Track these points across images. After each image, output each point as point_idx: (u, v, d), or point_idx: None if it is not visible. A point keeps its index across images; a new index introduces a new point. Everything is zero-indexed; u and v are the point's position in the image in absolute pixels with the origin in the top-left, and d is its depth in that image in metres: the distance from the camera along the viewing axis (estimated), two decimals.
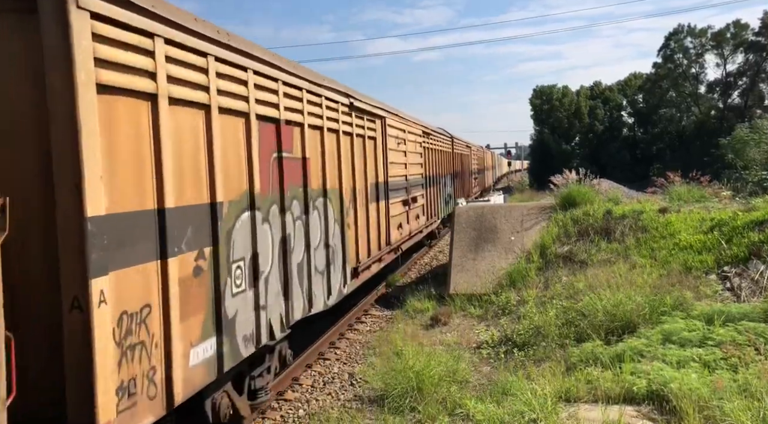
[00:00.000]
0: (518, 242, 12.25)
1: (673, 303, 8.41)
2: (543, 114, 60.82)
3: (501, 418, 5.88)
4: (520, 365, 7.68)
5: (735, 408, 5.43)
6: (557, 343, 8.12)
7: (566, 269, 10.96)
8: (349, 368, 8.72)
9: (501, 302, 10.53)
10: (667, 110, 54.77)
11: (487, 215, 12.88)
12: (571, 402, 6.33)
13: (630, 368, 6.72)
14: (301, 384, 8.14)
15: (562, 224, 12.27)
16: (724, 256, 10.05)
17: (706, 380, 6.13)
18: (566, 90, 61.03)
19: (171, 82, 4.59)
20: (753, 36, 49.90)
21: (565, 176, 15.21)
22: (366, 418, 6.67)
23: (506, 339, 8.83)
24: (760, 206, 11.20)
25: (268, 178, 6.37)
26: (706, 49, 52.48)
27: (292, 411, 7.30)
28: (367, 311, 11.85)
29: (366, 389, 7.62)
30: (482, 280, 11.48)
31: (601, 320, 8.22)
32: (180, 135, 4.74)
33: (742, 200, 13.48)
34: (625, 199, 15.01)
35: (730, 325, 7.49)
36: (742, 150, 28.63)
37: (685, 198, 13.50)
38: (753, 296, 8.97)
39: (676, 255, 10.41)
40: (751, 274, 9.51)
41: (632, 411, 6.02)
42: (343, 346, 9.82)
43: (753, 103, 50.33)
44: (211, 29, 5.26)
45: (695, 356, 6.78)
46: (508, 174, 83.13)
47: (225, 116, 5.46)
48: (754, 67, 49.91)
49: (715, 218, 11.14)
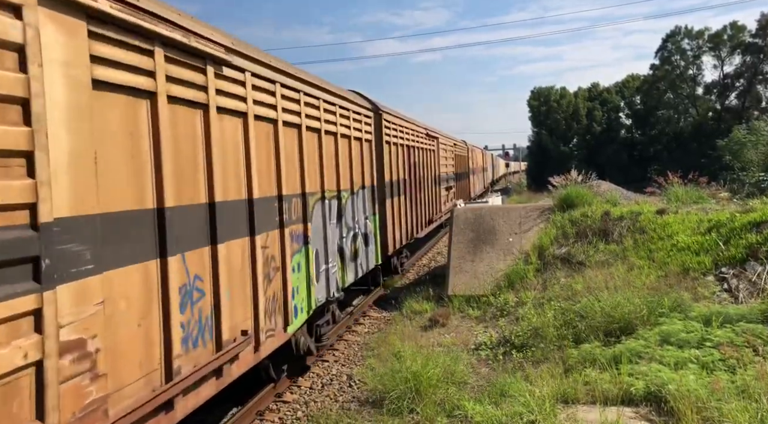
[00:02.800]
0: (516, 243, 12.26)
1: (671, 304, 8.41)
2: (541, 115, 60.93)
3: (499, 419, 5.88)
4: (518, 366, 7.69)
5: (733, 409, 5.45)
6: (555, 344, 8.12)
7: (564, 270, 10.97)
8: (347, 370, 8.72)
9: (499, 303, 10.53)
10: (664, 112, 54.90)
11: (485, 216, 12.89)
12: (569, 403, 6.34)
13: (628, 370, 6.73)
14: (300, 386, 8.14)
15: (560, 226, 12.28)
16: (721, 257, 10.06)
17: (704, 382, 6.14)
18: (564, 91, 61.16)
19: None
20: (750, 38, 50.08)
21: (566, 177, 15.24)
22: (364, 420, 6.67)
23: (504, 340, 8.83)
24: (757, 208, 11.21)
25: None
26: (704, 51, 52.66)
27: (291, 413, 7.30)
28: (366, 313, 11.85)
29: (364, 391, 7.62)
30: (480, 281, 11.49)
31: (599, 321, 8.22)
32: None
33: (739, 202, 13.50)
34: (623, 201, 15.02)
35: (728, 326, 7.50)
36: (739, 151, 28.71)
37: (682, 199, 13.51)
38: (751, 298, 8.98)
39: (674, 256, 10.42)
40: (749, 275, 9.52)
41: (630, 412, 6.03)
42: (341, 347, 9.82)
43: (750, 105, 50.47)
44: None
45: (693, 358, 6.78)
46: (506, 175, 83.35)
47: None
48: (751, 68, 50.05)
49: (713, 219, 11.16)
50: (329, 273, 8.68)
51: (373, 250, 11.79)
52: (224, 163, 5.46)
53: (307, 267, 7.67)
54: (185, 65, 4.84)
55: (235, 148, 5.75)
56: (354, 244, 10.25)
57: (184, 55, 4.79)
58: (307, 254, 7.67)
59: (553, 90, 61.13)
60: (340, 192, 9.37)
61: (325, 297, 8.49)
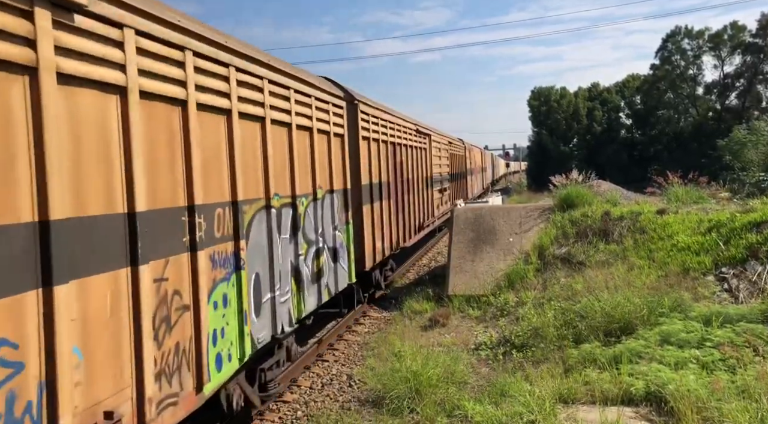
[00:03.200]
0: (516, 243, 12.26)
1: (671, 304, 8.41)
2: (541, 115, 60.93)
3: (499, 419, 5.88)
4: (518, 366, 7.69)
5: (733, 409, 5.45)
6: (555, 344, 8.12)
7: (564, 270, 10.97)
8: (347, 370, 8.72)
9: (499, 303, 10.53)
10: (664, 112, 54.91)
11: (485, 216, 12.89)
12: (569, 403, 6.34)
13: (628, 370, 6.73)
14: (300, 386, 8.14)
15: (560, 226, 12.28)
16: (722, 257, 10.06)
17: (704, 382, 6.14)
18: (564, 91, 61.16)
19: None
20: (750, 38, 50.09)
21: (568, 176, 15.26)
22: (364, 420, 6.67)
23: (504, 340, 8.83)
24: (757, 208, 11.21)
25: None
26: (704, 51, 52.68)
27: (291, 412, 7.30)
28: (366, 313, 11.85)
29: (364, 391, 7.62)
30: (481, 281, 11.49)
31: (599, 321, 8.22)
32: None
33: (739, 202, 13.50)
34: (623, 201, 15.03)
35: (728, 326, 7.50)
36: (739, 151, 28.70)
37: (683, 199, 13.51)
38: (751, 298, 8.98)
39: (674, 256, 10.42)
40: (749, 275, 9.52)
41: (630, 412, 6.03)
42: (341, 347, 9.82)
43: (750, 105, 50.48)
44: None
45: (693, 358, 6.79)
46: (506, 175, 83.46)
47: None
48: (751, 68, 50.05)
49: (713, 219, 11.15)
50: (276, 303, 6.73)
51: (345, 266, 9.79)
52: (76, 161, 3.68)
53: (239, 300, 5.79)
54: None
55: (103, 140, 3.96)
56: (316, 261, 8.35)
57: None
58: (239, 283, 5.78)
59: (554, 90, 61.13)
60: (297, 198, 7.50)
61: (271, 334, 6.66)
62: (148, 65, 4.40)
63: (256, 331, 6.23)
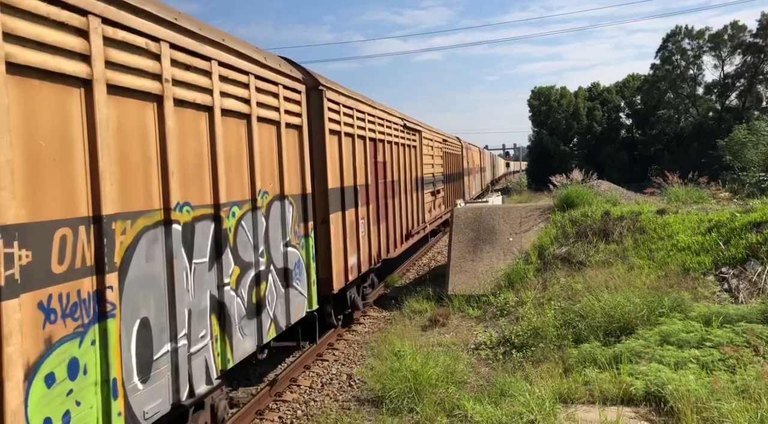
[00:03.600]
0: (516, 243, 12.26)
1: (671, 304, 8.41)
2: (541, 115, 60.88)
3: (499, 419, 5.88)
4: (518, 366, 7.69)
5: (733, 409, 5.44)
6: (555, 344, 8.12)
7: (564, 270, 10.97)
8: (347, 369, 8.72)
9: (499, 303, 10.53)
10: (665, 111, 54.86)
11: (485, 216, 12.89)
12: (569, 403, 6.34)
13: (628, 369, 6.73)
14: (300, 385, 8.13)
15: (560, 225, 12.28)
16: (722, 257, 10.06)
17: (704, 381, 6.13)
18: (564, 91, 61.10)
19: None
20: (750, 38, 50.03)
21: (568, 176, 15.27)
22: (364, 419, 6.67)
23: (504, 340, 8.83)
24: (757, 207, 11.22)
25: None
26: (704, 51, 52.61)
27: (290, 412, 7.30)
28: (366, 312, 11.85)
29: (364, 390, 7.62)
30: (480, 281, 11.49)
31: (599, 321, 8.22)
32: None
33: (740, 201, 13.50)
34: (623, 201, 15.04)
35: (728, 326, 7.50)
36: (740, 151, 28.73)
37: (683, 199, 13.52)
38: (751, 297, 8.97)
39: (674, 256, 10.42)
40: (749, 275, 9.52)
41: (630, 412, 6.03)
42: (341, 347, 9.82)
43: (751, 105, 50.44)
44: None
45: (693, 358, 6.78)
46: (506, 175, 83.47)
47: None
48: (751, 68, 50.00)
49: (713, 219, 11.16)
50: (180, 356, 4.95)
51: (303, 290, 7.99)
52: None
53: (104, 364, 4.03)
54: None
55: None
56: (256, 289, 6.54)
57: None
58: (105, 338, 4.04)
59: (554, 90, 61.07)
60: (222, 208, 5.73)
61: (172, 402, 4.90)
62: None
63: (141, 403, 4.44)
